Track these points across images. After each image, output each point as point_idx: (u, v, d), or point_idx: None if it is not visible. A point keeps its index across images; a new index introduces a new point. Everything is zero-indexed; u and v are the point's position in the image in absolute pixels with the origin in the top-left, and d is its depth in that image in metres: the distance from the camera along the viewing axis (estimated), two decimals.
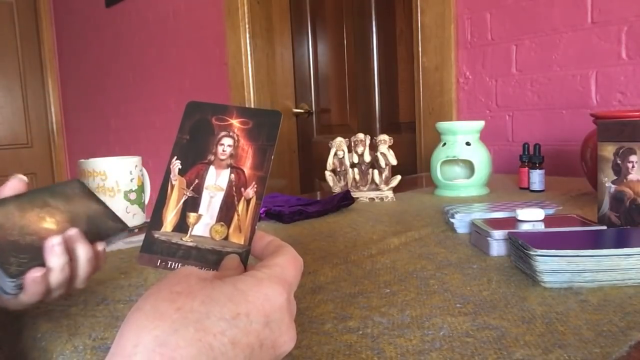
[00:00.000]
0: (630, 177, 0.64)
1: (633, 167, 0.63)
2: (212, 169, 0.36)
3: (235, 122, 0.37)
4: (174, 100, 2.77)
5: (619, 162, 0.65)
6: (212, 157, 0.37)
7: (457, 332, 0.41)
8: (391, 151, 1.06)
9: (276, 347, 0.29)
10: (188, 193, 0.36)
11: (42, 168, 3.80)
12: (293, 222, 0.87)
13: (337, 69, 2.22)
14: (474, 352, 0.37)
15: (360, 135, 1.07)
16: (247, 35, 2.30)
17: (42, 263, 0.42)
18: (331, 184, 1.09)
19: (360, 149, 1.07)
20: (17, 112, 3.70)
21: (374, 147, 1.07)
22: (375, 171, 1.06)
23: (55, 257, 0.42)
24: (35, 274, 0.41)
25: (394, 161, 1.05)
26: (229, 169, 0.36)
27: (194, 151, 0.37)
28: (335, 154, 1.08)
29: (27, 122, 3.74)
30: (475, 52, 1.58)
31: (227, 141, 0.37)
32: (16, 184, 0.45)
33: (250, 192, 0.36)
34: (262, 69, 2.36)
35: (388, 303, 0.48)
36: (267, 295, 0.29)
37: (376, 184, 1.06)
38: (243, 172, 0.36)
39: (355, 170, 1.07)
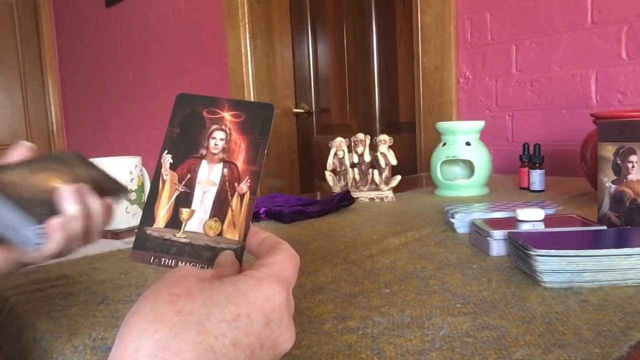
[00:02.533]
0: (630, 177, 0.64)
1: (633, 167, 0.63)
2: (204, 163, 0.35)
3: (227, 115, 0.36)
4: (174, 100, 2.77)
5: (619, 162, 0.65)
6: (204, 151, 0.36)
7: (457, 332, 0.41)
8: (391, 151, 1.06)
9: (276, 346, 0.29)
10: (180, 188, 0.35)
11: None
12: (293, 222, 0.87)
13: (337, 69, 2.22)
14: (474, 352, 0.37)
15: (360, 135, 1.07)
16: (247, 35, 2.30)
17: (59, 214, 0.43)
18: (331, 184, 1.09)
19: (360, 149, 1.07)
20: (17, 112, 3.71)
21: (374, 147, 1.07)
22: (375, 171, 1.06)
23: (70, 203, 0.43)
24: (57, 219, 0.42)
25: (394, 161, 1.05)
26: (222, 163, 0.36)
27: (185, 145, 0.36)
28: (335, 154, 1.08)
29: (27, 122, 3.75)
30: (475, 52, 1.58)
31: (219, 135, 0.36)
32: (23, 151, 0.46)
33: (244, 187, 0.35)
34: (262, 69, 2.36)
35: (388, 303, 0.48)
36: (267, 296, 0.29)
37: (376, 184, 1.06)
38: (236, 166, 0.35)
39: (355, 170, 1.07)
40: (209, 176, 0.35)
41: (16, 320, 0.49)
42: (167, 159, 0.35)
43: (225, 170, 0.35)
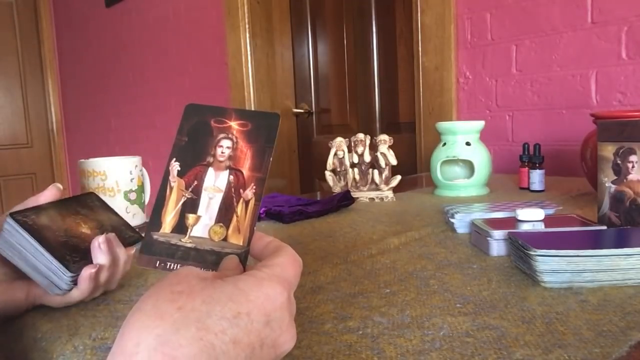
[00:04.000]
0: (630, 177, 0.64)
1: (633, 167, 0.63)
2: (211, 170, 0.37)
3: (234, 124, 0.38)
4: (174, 100, 2.77)
5: (619, 162, 0.65)
6: (210, 159, 0.37)
7: (457, 332, 0.41)
8: (391, 151, 1.06)
9: (277, 347, 0.29)
10: (187, 194, 0.36)
11: (42, 168, 3.80)
12: (293, 222, 0.87)
13: (337, 69, 2.22)
14: (474, 352, 0.37)
15: (360, 135, 1.07)
16: (247, 35, 2.30)
17: (90, 262, 0.46)
18: (331, 184, 1.09)
19: (360, 149, 1.07)
20: (17, 112, 3.71)
21: (374, 147, 1.07)
22: (375, 171, 1.06)
23: (102, 255, 0.47)
24: (91, 270, 0.45)
25: (394, 161, 1.05)
26: (228, 170, 0.37)
27: (193, 153, 0.37)
28: (335, 154, 1.08)
29: (27, 122, 3.75)
30: (475, 52, 1.58)
31: (225, 143, 0.37)
32: (54, 192, 0.49)
33: (249, 193, 0.36)
34: (262, 69, 2.36)
35: (388, 303, 0.48)
36: (267, 295, 0.29)
37: (376, 184, 1.06)
38: (242, 173, 0.37)
39: (355, 170, 1.07)
40: (215, 183, 0.36)
41: (16, 320, 0.49)
42: (175, 166, 0.36)
43: (231, 177, 0.36)
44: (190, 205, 0.36)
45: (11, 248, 0.44)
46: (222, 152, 0.37)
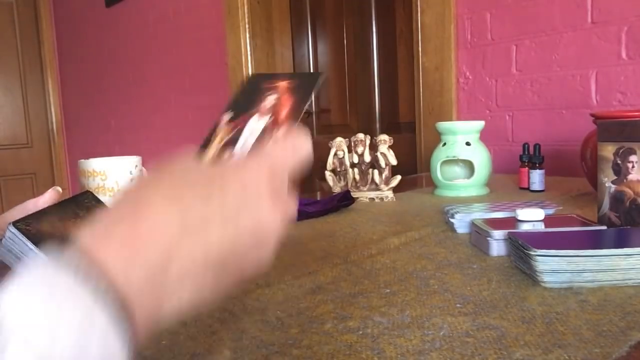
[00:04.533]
0: (630, 177, 0.64)
1: (633, 167, 0.63)
2: (255, 117, 0.40)
3: (282, 83, 0.42)
4: (174, 100, 2.77)
5: (619, 162, 0.65)
6: (256, 109, 0.41)
7: (457, 332, 0.41)
8: (391, 151, 1.06)
9: (256, 220, 0.28)
10: (230, 135, 0.40)
11: (42, 168, 3.80)
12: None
13: (337, 69, 2.22)
14: (474, 352, 0.37)
15: (360, 135, 1.07)
16: (247, 35, 2.30)
17: None
18: (331, 184, 1.09)
19: (360, 149, 1.07)
20: (17, 112, 3.70)
21: (374, 147, 1.07)
22: (375, 171, 1.06)
23: None
24: None
25: (394, 161, 1.05)
26: (268, 116, 0.40)
27: (243, 105, 0.41)
28: (335, 154, 1.08)
29: (27, 122, 3.74)
30: (475, 52, 1.58)
31: (271, 96, 0.42)
32: (54, 195, 0.49)
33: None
34: (262, 68, 2.36)
35: (388, 303, 0.48)
36: (242, 165, 0.30)
37: (376, 184, 1.06)
38: (278, 118, 0.40)
39: (355, 170, 1.07)
40: (255, 126, 0.40)
41: None
42: (227, 115, 0.41)
43: (270, 120, 0.40)
44: (231, 144, 0.39)
45: (13, 256, 0.44)
46: (267, 104, 0.41)
